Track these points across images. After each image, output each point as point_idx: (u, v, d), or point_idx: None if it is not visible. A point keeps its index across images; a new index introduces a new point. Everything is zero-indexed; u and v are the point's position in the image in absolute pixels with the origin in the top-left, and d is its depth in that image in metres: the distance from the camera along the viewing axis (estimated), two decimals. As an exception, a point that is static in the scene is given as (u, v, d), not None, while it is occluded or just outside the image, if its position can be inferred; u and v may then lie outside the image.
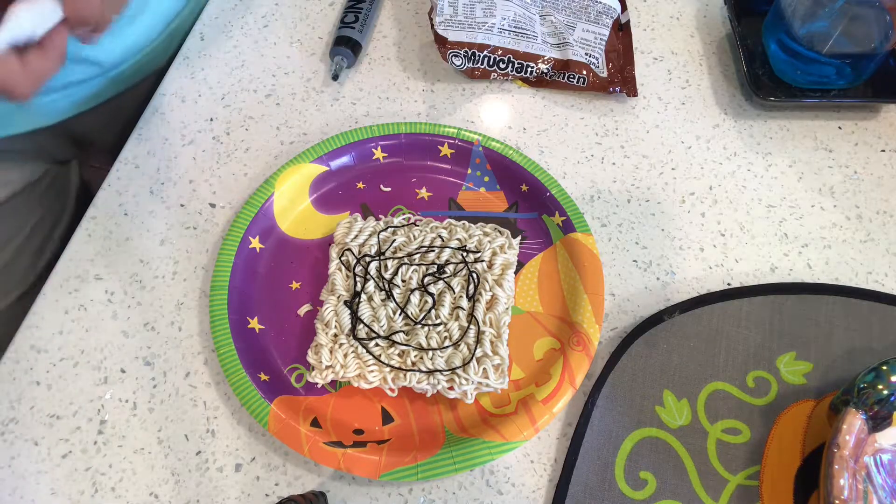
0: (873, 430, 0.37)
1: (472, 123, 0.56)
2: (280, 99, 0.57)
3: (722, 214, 0.52)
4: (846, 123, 0.57)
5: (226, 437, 0.43)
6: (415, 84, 0.58)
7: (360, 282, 0.45)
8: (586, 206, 0.52)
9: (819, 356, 0.45)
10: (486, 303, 0.44)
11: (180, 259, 0.49)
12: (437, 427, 0.42)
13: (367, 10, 0.60)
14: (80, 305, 0.47)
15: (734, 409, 0.43)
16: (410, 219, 0.49)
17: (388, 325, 0.43)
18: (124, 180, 0.53)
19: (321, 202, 0.51)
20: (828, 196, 0.53)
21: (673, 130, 0.56)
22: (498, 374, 0.42)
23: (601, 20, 0.59)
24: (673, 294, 0.48)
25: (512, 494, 0.41)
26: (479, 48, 0.56)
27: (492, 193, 0.52)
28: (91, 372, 0.45)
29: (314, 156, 0.51)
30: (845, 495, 0.35)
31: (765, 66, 0.57)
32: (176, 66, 0.59)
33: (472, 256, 0.46)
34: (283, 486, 0.41)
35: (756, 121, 0.57)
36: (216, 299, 0.45)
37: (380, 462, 0.39)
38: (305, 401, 0.43)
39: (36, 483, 0.41)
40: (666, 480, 0.41)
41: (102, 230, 0.50)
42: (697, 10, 0.64)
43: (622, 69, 0.58)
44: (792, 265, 0.50)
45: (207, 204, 0.52)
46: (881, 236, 0.51)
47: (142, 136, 0.55)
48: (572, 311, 0.45)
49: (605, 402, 0.43)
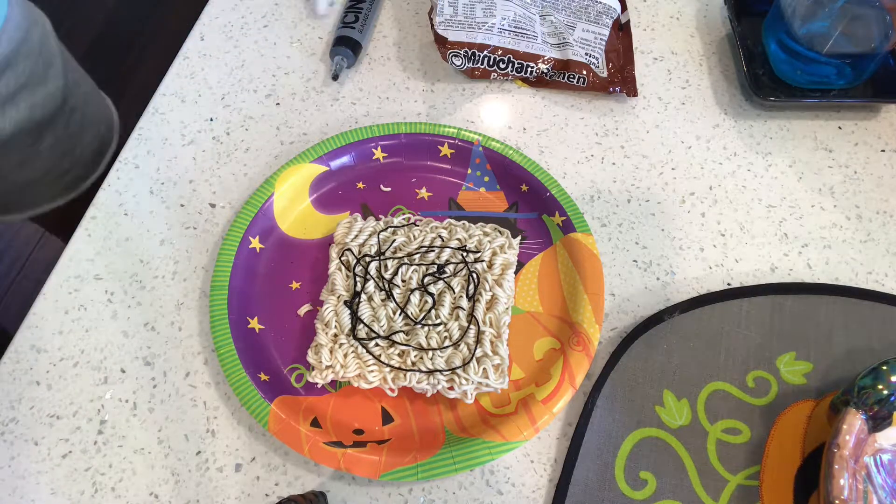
0: (873, 430, 0.37)
1: (472, 123, 0.56)
2: (280, 99, 0.57)
3: (722, 214, 0.52)
4: (846, 123, 0.57)
5: (226, 437, 0.43)
6: (415, 84, 0.58)
7: (360, 282, 0.45)
8: (586, 206, 0.52)
9: (819, 356, 0.45)
10: (486, 303, 0.44)
11: (180, 259, 0.49)
12: (437, 427, 0.42)
13: (367, 10, 0.60)
14: (80, 305, 0.47)
15: (734, 409, 0.43)
16: (410, 219, 0.49)
17: (388, 325, 0.43)
18: (124, 180, 0.53)
19: (321, 202, 0.51)
20: (828, 196, 0.53)
21: (673, 130, 0.56)
22: (498, 374, 0.42)
23: (601, 20, 0.59)
24: (673, 294, 0.48)
25: (512, 494, 0.41)
26: (479, 48, 0.56)
27: (492, 193, 0.52)
28: (91, 372, 0.45)
29: (314, 156, 0.51)
30: (845, 495, 0.35)
31: (765, 66, 0.57)
32: (176, 65, 0.59)
33: (472, 256, 0.46)
34: (283, 486, 0.41)
35: (756, 121, 0.57)
36: (216, 299, 0.45)
37: (380, 462, 0.39)
38: (305, 401, 0.43)
39: (36, 483, 0.41)
40: (666, 480, 0.41)
41: (102, 230, 0.50)
42: (697, 10, 0.64)
43: (622, 69, 0.58)
44: (792, 265, 0.50)
45: (207, 204, 0.52)
46: (881, 236, 0.51)
47: (142, 136, 0.55)
48: (572, 311, 0.45)
49: (605, 402, 0.43)
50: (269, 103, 0.57)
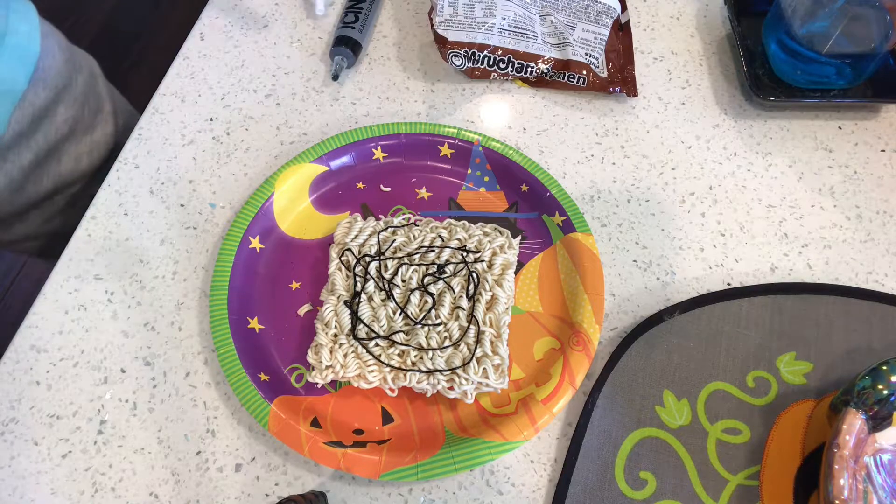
0: (873, 430, 0.37)
1: (472, 123, 0.56)
2: (280, 99, 0.57)
3: (722, 214, 0.52)
4: (846, 123, 0.57)
5: (226, 437, 0.43)
6: (415, 84, 0.58)
7: (360, 282, 0.45)
8: (586, 206, 0.52)
9: (819, 356, 0.45)
10: (486, 303, 0.44)
11: (180, 259, 0.49)
12: (437, 427, 0.42)
13: (367, 10, 0.60)
14: (80, 305, 0.47)
15: (734, 409, 0.43)
16: (410, 219, 0.49)
17: (388, 325, 0.43)
18: (124, 180, 0.53)
19: (321, 202, 0.51)
20: (828, 196, 0.53)
21: (673, 130, 0.56)
22: (498, 374, 0.42)
23: (601, 20, 0.59)
24: (673, 294, 0.48)
25: (512, 494, 0.41)
26: (479, 48, 0.56)
27: (492, 193, 0.52)
28: (91, 372, 0.45)
29: (314, 156, 0.51)
30: (845, 495, 0.35)
31: (765, 66, 0.57)
32: (176, 65, 0.59)
33: (472, 256, 0.46)
34: (283, 486, 0.41)
35: (756, 121, 0.57)
36: (216, 299, 0.45)
37: (380, 462, 0.39)
38: (305, 401, 0.43)
39: (36, 483, 0.41)
40: (666, 480, 0.41)
41: (102, 230, 0.50)
42: (697, 10, 0.64)
43: (622, 69, 0.58)
44: (792, 265, 0.50)
45: (207, 204, 0.52)
46: (881, 236, 0.51)
47: (142, 136, 0.55)
48: (572, 311, 0.45)
49: (605, 402, 0.43)
50: (269, 103, 0.57)
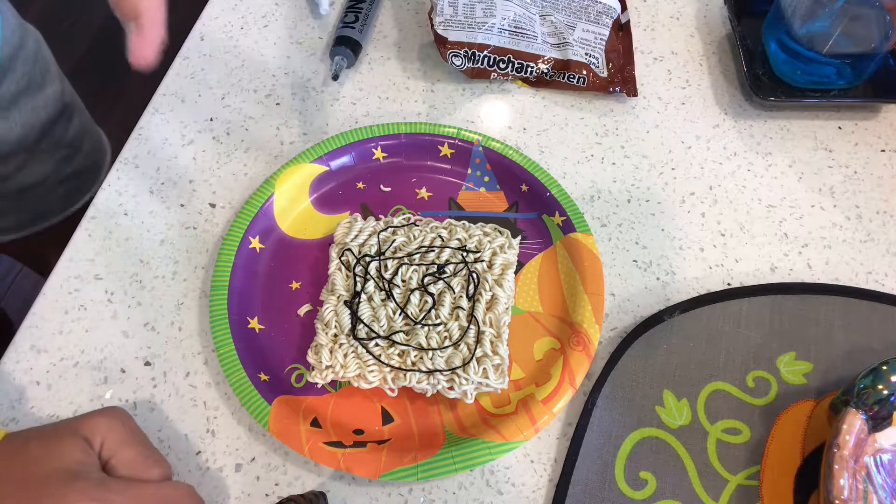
0: (873, 430, 0.37)
1: (472, 123, 0.56)
2: (280, 99, 0.57)
3: (722, 214, 0.52)
4: (846, 123, 0.57)
5: (226, 437, 0.43)
6: (415, 84, 0.58)
7: (360, 282, 0.45)
8: (586, 206, 0.52)
9: (819, 356, 0.45)
10: (486, 303, 0.44)
11: (180, 259, 0.49)
12: (437, 427, 0.42)
13: (367, 10, 0.60)
14: (80, 305, 0.47)
15: (734, 409, 0.43)
16: (410, 219, 0.49)
17: (388, 325, 0.43)
18: (124, 180, 0.53)
19: (321, 202, 0.51)
20: (828, 196, 0.53)
21: (673, 130, 0.56)
22: (498, 374, 0.42)
23: (601, 20, 0.59)
24: (673, 294, 0.48)
25: (512, 494, 0.41)
26: (479, 48, 0.56)
27: (492, 193, 0.52)
28: (91, 372, 0.45)
29: (314, 156, 0.51)
30: (845, 495, 0.35)
31: (765, 66, 0.57)
32: (176, 65, 0.59)
33: (472, 256, 0.46)
34: (283, 486, 0.41)
35: (756, 121, 0.57)
36: (216, 299, 0.45)
37: (380, 462, 0.39)
38: (305, 401, 0.43)
39: (36, 483, 0.41)
40: (666, 480, 0.41)
41: (102, 230, 0.50)
42: (697, 10, 0.64)
43: (622, 69, 0.58)
44: (792, 265, 0.50)
45: (207, 204, 0.52)
46: (881, 236, 0.51)
47: (142, 136, 0.55)
48: (572, 311, 0.45)
49: (605, 402, 0.43)
50: (269, 103, 0.57)
